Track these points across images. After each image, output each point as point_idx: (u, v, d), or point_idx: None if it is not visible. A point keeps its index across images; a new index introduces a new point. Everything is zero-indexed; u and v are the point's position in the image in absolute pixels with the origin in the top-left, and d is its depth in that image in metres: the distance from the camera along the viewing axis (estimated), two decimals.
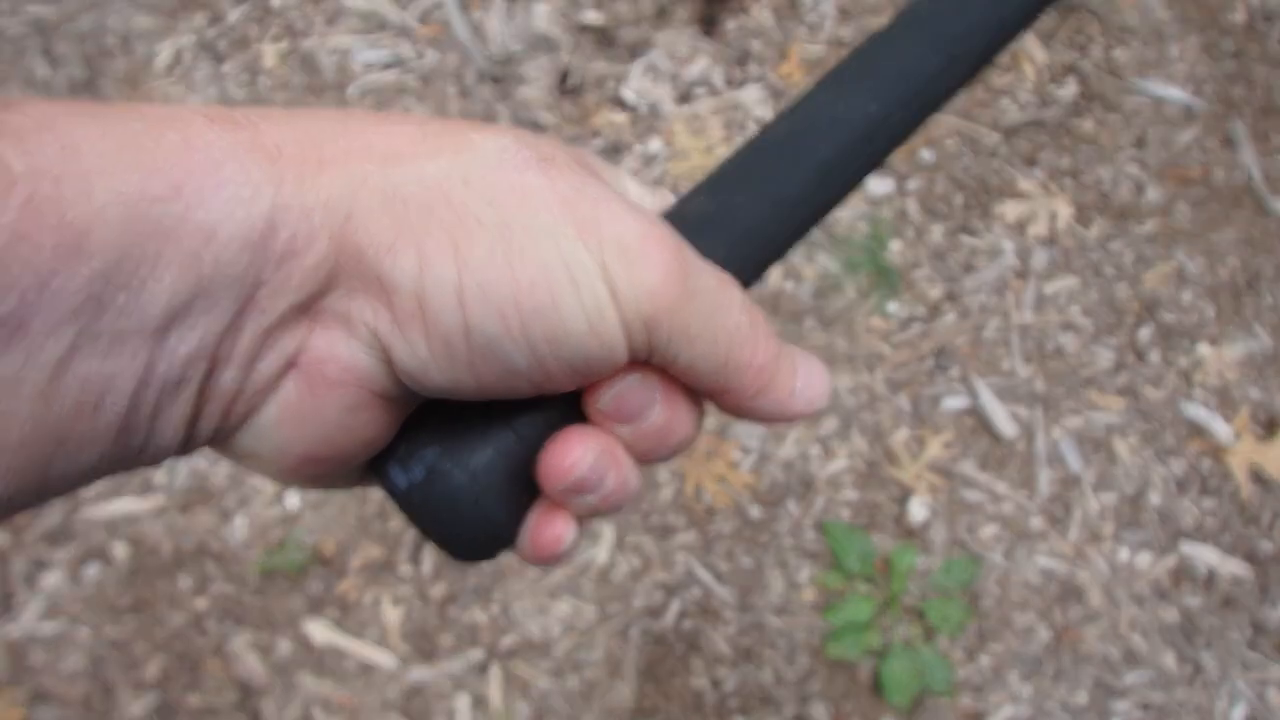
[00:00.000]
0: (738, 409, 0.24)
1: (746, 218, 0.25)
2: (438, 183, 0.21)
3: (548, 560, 0.25)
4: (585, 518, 0.25)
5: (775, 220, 0.25)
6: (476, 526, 0.23)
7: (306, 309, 0.21)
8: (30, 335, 0.17)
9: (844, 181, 0.26)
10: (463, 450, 0.22)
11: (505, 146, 0.22)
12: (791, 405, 0.25)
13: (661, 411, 0.24)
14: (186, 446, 0.21)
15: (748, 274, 0.25)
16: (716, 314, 0.23)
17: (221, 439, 0.22)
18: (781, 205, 0.25)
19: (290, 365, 0.21)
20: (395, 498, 0.23)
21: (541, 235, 0.21)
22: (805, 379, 0.25)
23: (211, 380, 0.20)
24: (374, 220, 0.20)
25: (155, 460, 0.21)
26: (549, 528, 0.24)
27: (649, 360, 0.23)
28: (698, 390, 0.24)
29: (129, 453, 0.20)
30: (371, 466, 0.24)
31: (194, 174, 0.19)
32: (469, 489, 0.22)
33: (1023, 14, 0.27)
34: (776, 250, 0.26)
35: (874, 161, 0.26)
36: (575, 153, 0.24)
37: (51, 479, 0.19)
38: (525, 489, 0.23)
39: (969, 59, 0.27)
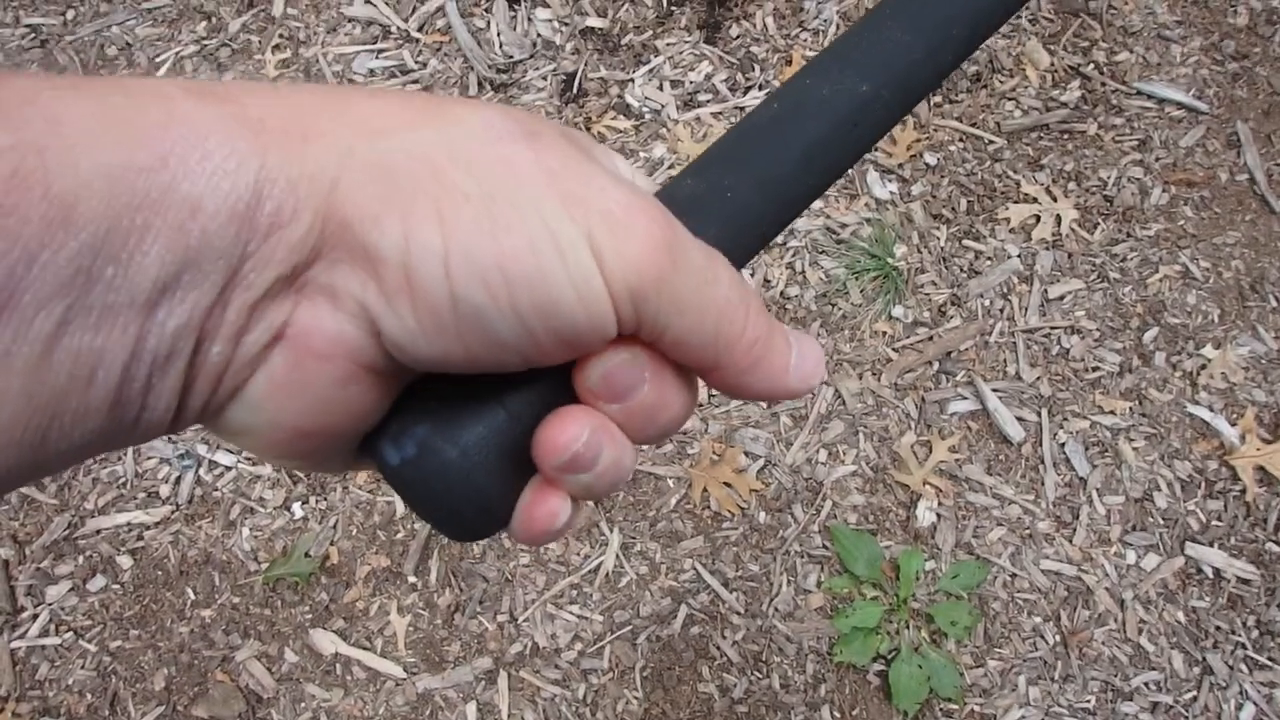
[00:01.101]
0: (731, 386, 0.24)
1: (735, 199, 0.25)
2: (423, 154, 0.21)
3: (540, 537, 0.25)
4: (580, 497, 0.25)
5: (764, 201, 0.25)
6: (468, 502, 0.23)
7: (292, 282, 0.21)
8: (20, 309, 0.17)
9: (831, 164, 0.26)
10: (454, 427, 0.22)
11: (490, 120, 0.22)
12: (786, 382, 0.24)
13: (651, 390, 0.23)
14: (177, 421, 0.21)
15: (737, 255, 0.25)
16: (705, 287, 0.22)
17: (211, 414, 0.22)
18: (770, 186, 0.25)
19: (277, 338, 0.21)
20: (387, 474, 0.23)
21: (527, 206, 0.20)
22: (800, 356, 0.24)
23: (200, 354, 0.20)
24: (360, 192, 0.20)
25: (147, 436, 0.21)
26: (542, 504, 0.24)
27: (638, 334, 0.22)
28: (689, 366, 0.24)
29: (122, 428, 0.20)
30: (364, 445, 0.24)
31: (179, 146, 0.19)
32: (460, 465, 0.22)
33: (1007, 2, 0.28)
34: (765, 232, 0.26)
35: (862, 145, 0.26)
36: (563, 129, 0.24)
37: (47, 454, 0.19)
38: (517, 468, 0.23)
39: (954, 45, 0.27)
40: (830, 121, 0.25)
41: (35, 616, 1.18)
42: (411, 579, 1.19)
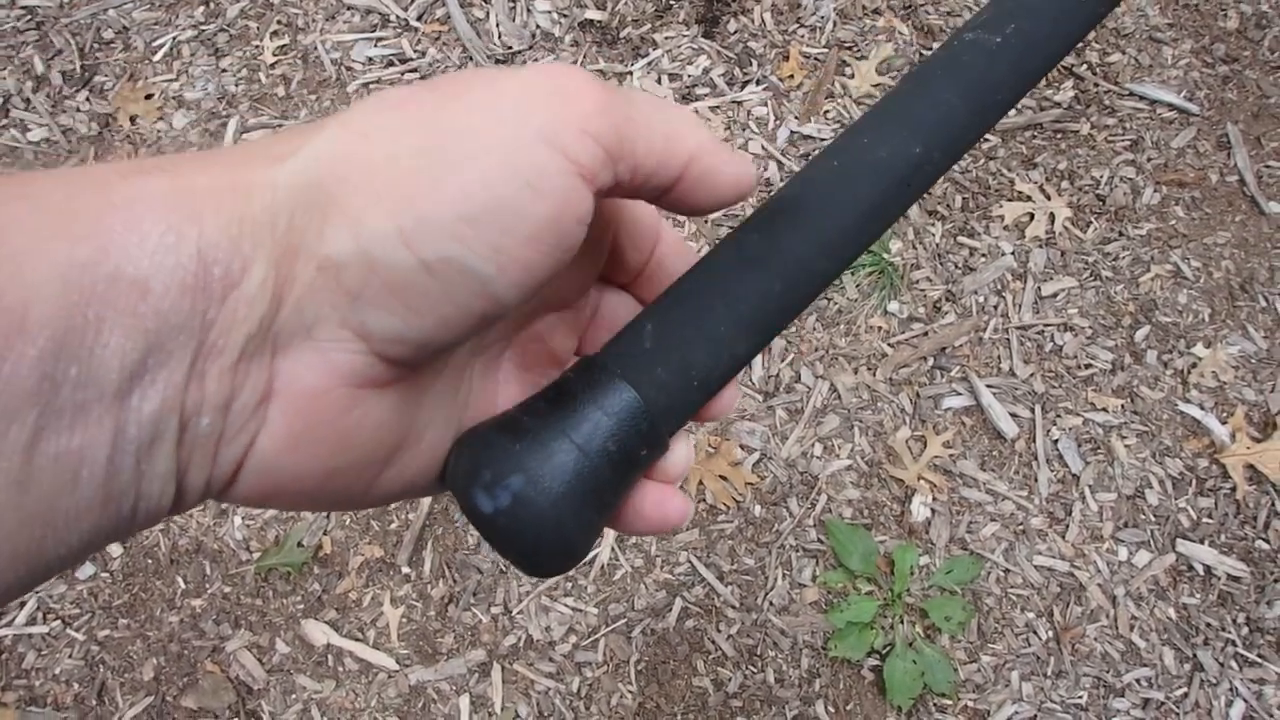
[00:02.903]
0: (708, 183, 0.24)
1: (799, 256, 0.26)
2: (336, 149, 0.21)
3: (667, 528, 0.27)
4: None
5: (825, 259, 0.27)
6: (556, 547, 0.24)
7: (265, 336, 0.20)
8: None
9: (886, 221, 0.28)
10: (546, 478, 0.24)
11: (381, 94, 0.22)
12: (737, 165, 0.25)
13: None
14: (181, 503, 0.21)
15: (799, 305, 0.27)
16: (646, 98, 0.23)
17: (222, 487, 0.22)
18: (831, 246, 0.27)
19: (267, 396, 0.21)
20: (479, 522, 0.24)
21: (452, 139, 0.20)
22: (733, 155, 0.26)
23: (187, 431, 0.20)
24: (297, 216, 0.20)
25: (151, 522, 0.21)
26: (673, 500, 0.27)
27: (621, 180, 0.22)
28: (666, 183, 0.24)
29: (120, 520, 0.20)
30: (451, 485, 0.25)
31: (116, 231, 0.19)
32: (552, 516, 0.23)
33: (1050, 60, 0.29)
34: (821, 288, 0.27)
35: (911, 201, 0.28)
36: None
37: (46, 562, 0.19)
38: (595, 506, 0.25)
39: (999, 107, 0.28)
40: (888, 183, 0.27)
41: (22, 604, 1.16)
42: (405, 570, 1.18)
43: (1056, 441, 1.26)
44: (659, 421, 0.25)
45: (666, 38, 1.46)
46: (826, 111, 1.43)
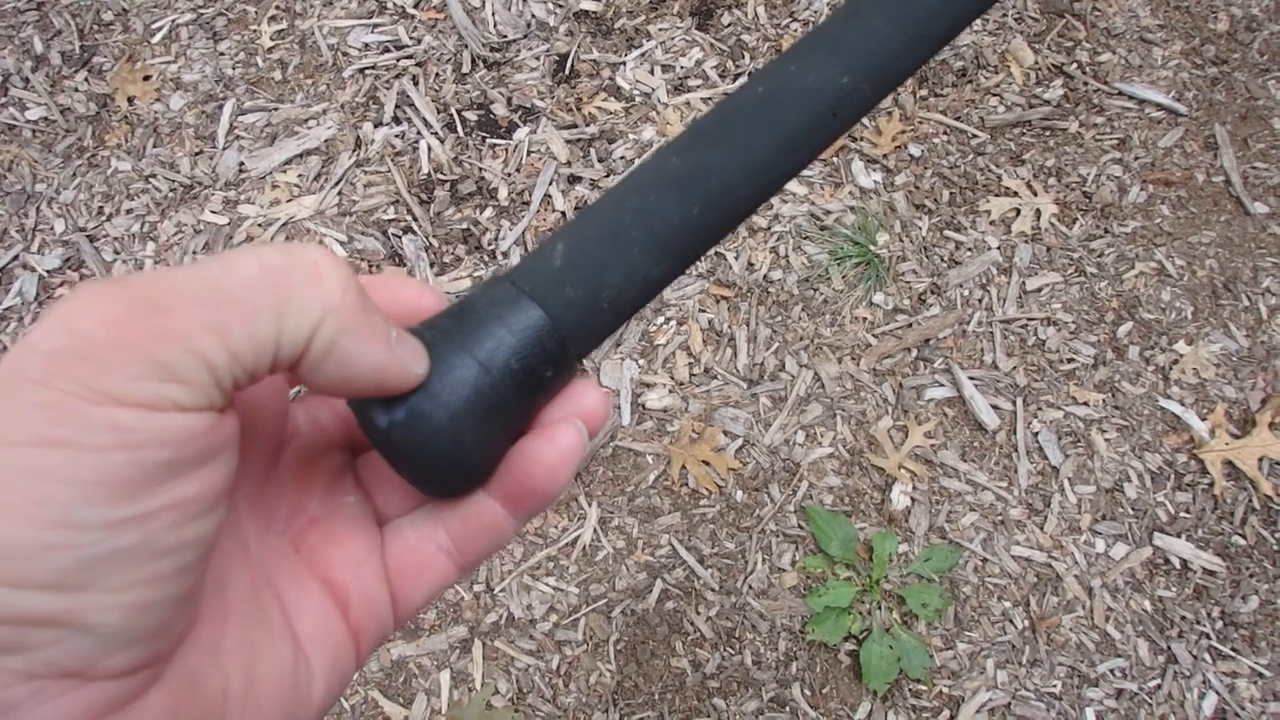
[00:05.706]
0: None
1: (719, 180, 0.26)
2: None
3: (563, 471, 0.24)
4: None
5: (747, 184, 0.26)
6: (454, 464, 0.23)
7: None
8: None
9: (810, 150, 0.27)
10: (444, 391, 0.23)
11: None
12: None
13: None
14: None
15: (718, 231, 0.26)
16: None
17: None
18: (753, 170, 0.26)
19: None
20: (375, 437, 0.23)
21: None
22: None
23: None
24: None
25: None
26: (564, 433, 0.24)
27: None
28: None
29: None
30: (350, 400, 0.24)
31: None
32: (449, 431, 0.23)
33: (983, 1, 0.28)
34: (744, 212, 0.26)
35: (838, 133, 0.27)
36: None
37: None
38: (495, 422, 0.24)
39: (932, 41, 0.28)
40: (813, 111, 0.26)
41: None
42: None
43: (1037, 434, 1.27)
44: (567, 341, 0.24)
45: (660, 29, 1.47)
46: None
